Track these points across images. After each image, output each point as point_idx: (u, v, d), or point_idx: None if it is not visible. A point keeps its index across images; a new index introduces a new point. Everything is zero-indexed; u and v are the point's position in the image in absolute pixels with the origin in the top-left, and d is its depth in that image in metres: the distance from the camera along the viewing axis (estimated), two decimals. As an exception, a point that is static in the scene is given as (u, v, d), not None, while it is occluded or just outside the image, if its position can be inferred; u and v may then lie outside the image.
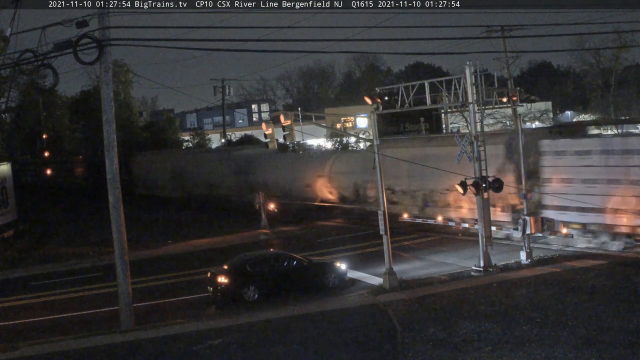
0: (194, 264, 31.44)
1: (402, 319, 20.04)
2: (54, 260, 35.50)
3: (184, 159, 59.06)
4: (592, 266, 24.72)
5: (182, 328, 21.18)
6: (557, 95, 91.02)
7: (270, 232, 39.71)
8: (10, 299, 27.35)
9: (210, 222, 45.37)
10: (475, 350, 16.77)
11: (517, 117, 30.29)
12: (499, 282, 23.75)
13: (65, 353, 19.49)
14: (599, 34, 73.97)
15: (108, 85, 21.57)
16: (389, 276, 24.23)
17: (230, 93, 75.66)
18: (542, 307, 19.90)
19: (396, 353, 17.15)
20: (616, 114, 70.50)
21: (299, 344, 18.48)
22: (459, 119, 62.35)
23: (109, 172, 21.76)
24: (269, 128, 27.59)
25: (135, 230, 40.48)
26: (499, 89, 30.31)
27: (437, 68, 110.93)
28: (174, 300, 25.54)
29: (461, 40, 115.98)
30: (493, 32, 53.56)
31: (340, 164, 41.64)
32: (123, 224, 21.83)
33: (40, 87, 24.68)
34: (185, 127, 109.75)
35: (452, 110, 41.64)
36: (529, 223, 26.21)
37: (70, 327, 22.40)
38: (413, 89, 27.43)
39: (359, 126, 71.97)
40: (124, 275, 21.73)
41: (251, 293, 24.21)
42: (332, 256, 29.60)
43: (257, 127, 75.27)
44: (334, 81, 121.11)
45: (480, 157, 25.72)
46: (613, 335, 16.94)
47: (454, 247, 31.22)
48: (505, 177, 27.99)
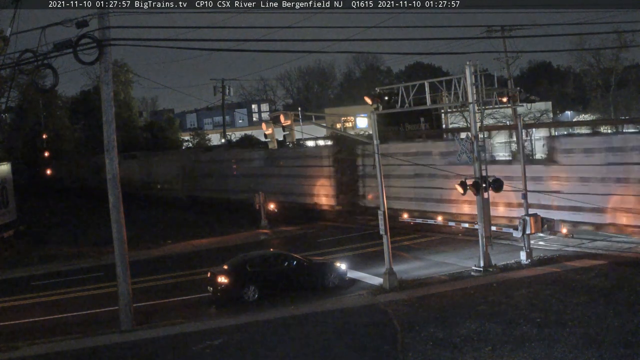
0: (193, 264, 31.44)
1: (402, 319, 20.05)
2: (54, 260, 35.48)
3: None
4: (592, 266, 24.72)
5: (182, 328, 21.17)
6: (557, 95, 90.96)
7: (270, 232, 39.73)
8: (10, 299, 27.33)
9: (211, 222, 45.47)
10: (475, 350, 16.77)
11: (517, 117, 30.30)
12: (499, 282, 23.75)
13: (65, 353, 19.49)
14: (599, 34, 74.05)
15: (108, 85, 21.57)
16: (389, 276, 24.23)
17: (230, 93, 75.62)
18: (542, 307, 19.90)
19: (396, 353, 17.15)
20: (616, 114, 70.49)
21: (299, 344, 18.48)
22: (459, 119, 62.26)
23: (109, 172, 21.75)
24: (269, 128, 27.61)
25: (142, 229, 40.81)
26: (499, 89, 30.34)
27: (437, 68, 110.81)
28: (174, 300, 25.53)
29: (461, 40, 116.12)
30: (493, 32, 53.54)
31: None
32: (123, 224, 21.83)
33: (40, 87, 24.63)
34: (185, 127, 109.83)
35: (452, 110, 41.63)
36: (529, 223, 26.21)
37: (70, 327, 22.40)
38: (413, 89, 27.43)
39: (359, 126, 71.88)
40: (124, 275, 21.72)
41: (251, 293, 24.22)
42: (332, 256, 29.62)
43: (257, 127, 75.28)
44: (334, 81, 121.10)
45: (480, 157, 25.74)
46: (613, 335, 16.94)
47: (454, 247, 31.22)
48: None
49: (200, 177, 59.31)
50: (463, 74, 26.23)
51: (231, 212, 49.50)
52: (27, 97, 71.02)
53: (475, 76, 26.08)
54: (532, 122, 58.98)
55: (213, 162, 58.82)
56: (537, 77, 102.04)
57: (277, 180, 48.47)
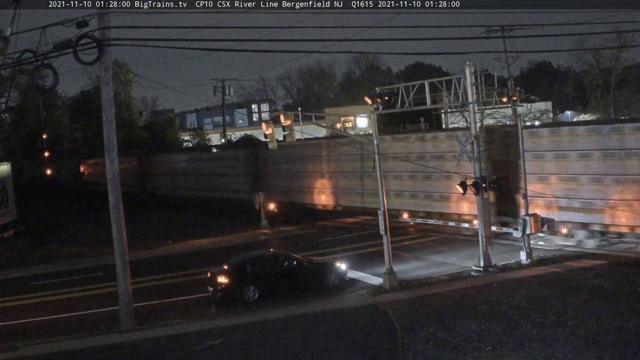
0: (194, 264, 31.45)
1: (402, 319, 20.05)
2: (54, 260, 35.50)
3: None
4: (592, 266, 24.72)
5: (182, 328, 21.18)
6: (557, 95, 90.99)
7: (270, 232, 39.73)
8: (10, 299, 27.34)
9: (209, 223, 45.45)
10: (475, 350, 16.77)
11: (517, 117, 30.31)
12: (499, 282, 23.75)
13: (65, 353, 19.49)
14: (599, 34, 74.04)
15: (108, 85, 21.56)
16: (389, 276, 24.23)
17: (230, 93, 75.68)
18: (542, 307, 19.90)
19: (396, 353, 17.15)
20: (616, 114, 70.49)
21: (299, 344, 18.48)
22: (459, 119, 62.31)
23: (109, 172, 21.75)
24: (269, 128, 27.57)
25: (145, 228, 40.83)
26: (499, 89, 30.38)
27: (437, 68, 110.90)
28: (174, 300, 25.53)
29: (461, 40, 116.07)
30: (493, 32, 53.54)
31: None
32: (123, 224, 21.83)
33: (40, 87, 24.64)
34: (185, 127, 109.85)
35: (452, 110, 41.64)
36: (529, 223, 26.21)
37: (70, 327, 22.39)
38: (413, 89, 27.43)
39: (359, 126, 71.92)
40: (124, 275, 21.72)
41: (251, 293, 24.22)
42: (332, 256, 29.62)
43: (257, 127, 75.39)
44: (334, 81, 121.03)
45: (480, 157, 25.74)
46: (613, 335, 16.93)
47: (454, 247, 31.21)
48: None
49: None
50: (463, 74, 26.23)
51: (228, 212, 49.53)
52: (27, 97, 71.11)
53: (475, 76, 26.09)
54: (532, 122, 59.09)
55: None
56: (537, 77, 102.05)
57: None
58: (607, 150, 26.65)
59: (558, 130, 29.22)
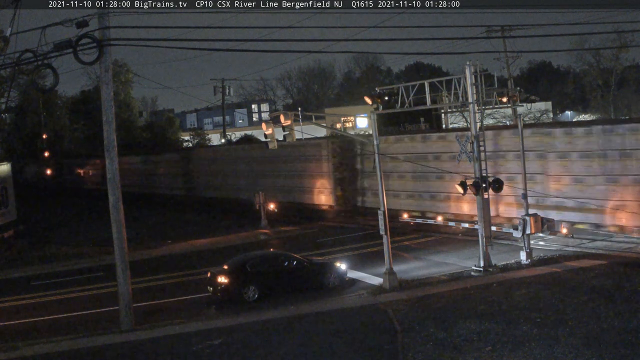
0: (194, 264, 31.44)
1: (402, 319, 20.04)
2: (54, 260, 35.46)
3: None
4: (592, 266, 24.71)
5: (182, 328, 21.17)
6: (557, 95, 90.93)
7: (270, 232, 39.72)
8: (10, 299, 27.33)
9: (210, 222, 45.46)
10: (475, 350, 16.76)
11: (517, 117, 30.28)
12: (499, 282, 23.75)
13: (65, 353, 19.49)
14: (599, 34, 74.09)
15: (108, 86, 21.56)
16: (389, 276, 24.22)
17: (230, 93, 75.68)
18: (542, 307, 19.89)
19: (396, 353, 17.15)
20: (616, 114, 70.50)
21: (299, 344, 18.47)
22: (459, 119, 62.29)
23: (109, 172, 21.76)
24: (269, 128, 27.56)
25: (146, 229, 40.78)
26: (499, 89, 30.30)
27: (437, 68, 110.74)
28: (174, 300, 25.53)
29: (461, 40, 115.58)
30: (493, 32, 53.54)
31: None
32: (123, 224, 21.83)
33: (40, 87, 24.66)
34: (185, 127, 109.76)
35: (452, 110, 41.59)
36: (529, 223, 26.21)
37: (70, 327, 22.39)
38: (413, 89, 27.41)
39: (359, 126, 71.86)
40: (124, 275, 21.72)
41: (251, 293, 24.22)
42: (332, 256, 29.61)
43: (257, 127, 75.25)
44: (334, 81, 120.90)
45: (481, 157, 25.72)
46: (613, 335, 16.93)
47: (454, 247, 31.21)
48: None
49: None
50: (463, 74, 26.21)
51: (229, 211, 49.53)
52: (27, 97, 71.10)
53: (475, 76, 26.06)
54: (532, 122, 59.05)
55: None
56: (537, 77, 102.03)
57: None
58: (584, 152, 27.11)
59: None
